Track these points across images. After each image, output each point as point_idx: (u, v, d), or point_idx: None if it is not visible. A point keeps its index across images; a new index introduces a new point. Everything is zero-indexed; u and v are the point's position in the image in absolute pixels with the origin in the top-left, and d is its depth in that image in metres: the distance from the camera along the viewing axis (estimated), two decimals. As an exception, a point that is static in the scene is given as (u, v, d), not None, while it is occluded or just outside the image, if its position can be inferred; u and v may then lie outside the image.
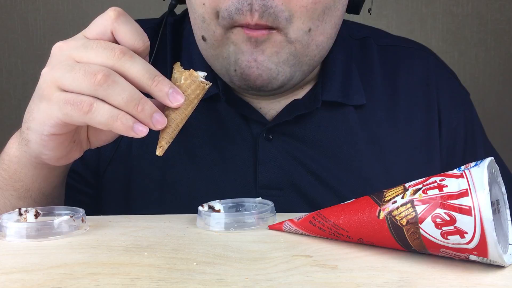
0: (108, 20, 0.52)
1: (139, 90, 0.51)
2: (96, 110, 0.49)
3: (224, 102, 0.71)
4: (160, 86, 0.51)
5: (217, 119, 0.72)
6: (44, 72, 0.53)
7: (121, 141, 0.72)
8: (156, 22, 0.77)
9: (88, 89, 0.50)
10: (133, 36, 0.52)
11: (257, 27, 0.60)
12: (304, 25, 0.61)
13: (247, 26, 0.60)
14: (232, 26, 0.61)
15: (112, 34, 0.53)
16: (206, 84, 0.53)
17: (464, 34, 1.89)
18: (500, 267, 0.41)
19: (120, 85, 0.49)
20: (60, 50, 0.53)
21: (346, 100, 0.72)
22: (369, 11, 0.75)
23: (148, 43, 0.54)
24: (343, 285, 0.39)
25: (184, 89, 0.52)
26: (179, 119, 0.53)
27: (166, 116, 0.52)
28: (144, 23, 0.79)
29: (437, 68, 0.79)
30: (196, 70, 0.53)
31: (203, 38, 0.65)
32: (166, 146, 0.53)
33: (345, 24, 0.80)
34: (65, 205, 0.68)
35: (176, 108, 0.52)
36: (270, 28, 0.60)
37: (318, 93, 0.71)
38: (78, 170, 0.74)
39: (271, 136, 0.71)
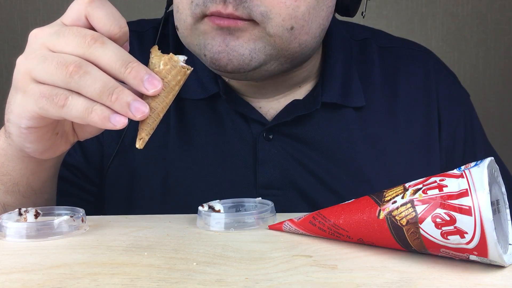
0: (81, 5, 0.50)
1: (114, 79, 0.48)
2: (71, 103, 0.47)
3: (224, 101, 0.71)
4: (134, 73, 0.47)
5: (217, 118, 0.72)
6: (19, 61, 0.51)
7: (124, 138, 0.72)
8: (158, 22, 0.78)
9: (61, 81, 0.47)
10: (108, 21, 0.49)
11: (230, 16, 0.59)
12: (285, 23, 0.61)
13: (218, 15, 0.59)
14: (203, 15, 0.61)
15: (87, 19, 0.50)
16: (188, 69, 0.49)
17: (464, 34, 1.89)
18: (500, 267, 0.41)
19: (92, 76, 0.47)
20: (35, 38, 0.51)
21: (346, 101, 0.72)
22: (362, 14, 0.74)
23: (126, 28, 0.50)
24: (343, 285, 0.39)
25: (164, 75, 0.48)
26: (159, 108, 0.49)
27: None
28: (146, 23, 0.79)
29: (437, 70, 0.79)
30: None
31: (176, 28, 0.66)
32: (146, 138, 0.49)
33: (346, 25, 0.80)
34: (69, 203, 0.68)
35: (156, 97, 0.48)
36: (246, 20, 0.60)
37: (318, 95, 0.71)
38: (82, 168, 0.74)
39: (271, 136, 0.71)
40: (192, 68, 0.50)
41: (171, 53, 0.49)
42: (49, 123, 0.53)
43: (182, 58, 0.50)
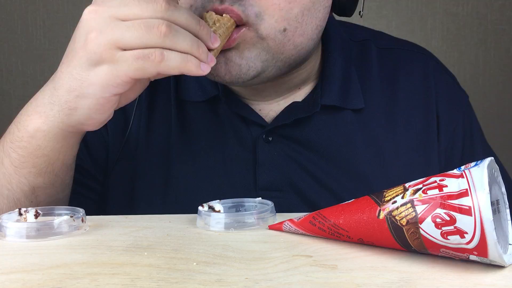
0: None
1: None
2: (168, 58, 0.52)
3: (224, 103, 0.71)
4: (205, 30, 0.56)
5: (217, 120, 0.72)
6: (94, 36, 0.52)
7: (129, 140, 0.72)
8: None
9: (154, 42, 0.52)
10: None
11: (226, 11, 0.60)
12: (277, 24, 0.61)
13: (215, 11, 0.60)
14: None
15: None
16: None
17: (464, 34, 1.89)
18: (500, 267, 0.41)
19: (181, 33, 0.53)
20: (97, 13, 0.53)
21: (345, 104, 0.72)
22: (359, 14, 0.74)
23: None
24: (343, 285, 0.39)
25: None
26: None
27: None
28: None
29: (436, 71, 0.79)
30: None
31: None
32: None
33: (345, 26, 0.79)
34: (74, 201, 0.68)
35: None
36: (240, 23, 0.60)
37: (317, 97, 0.71)
38: (88, 168, 0.74)
39: (270, 138, 0.71)
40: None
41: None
42: (127, 89, 0.55)
43: None
